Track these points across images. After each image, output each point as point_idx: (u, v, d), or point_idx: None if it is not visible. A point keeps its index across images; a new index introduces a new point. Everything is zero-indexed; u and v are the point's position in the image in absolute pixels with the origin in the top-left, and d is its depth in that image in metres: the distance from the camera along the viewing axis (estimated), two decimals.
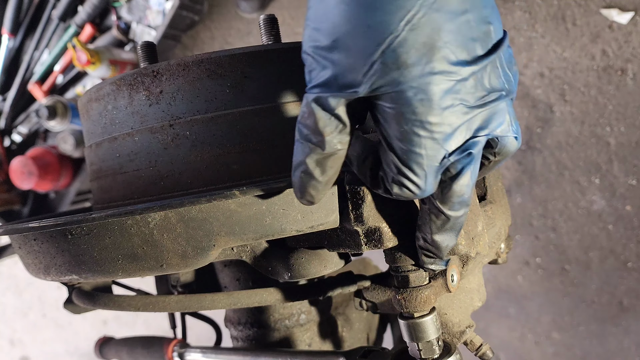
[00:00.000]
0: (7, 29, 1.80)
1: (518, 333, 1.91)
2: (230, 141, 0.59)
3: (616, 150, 1.61)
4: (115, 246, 0.51)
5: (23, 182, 1.74)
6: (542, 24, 1.60)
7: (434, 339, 0.56)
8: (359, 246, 0.54)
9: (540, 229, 1.77)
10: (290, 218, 0.51)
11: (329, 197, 0.52)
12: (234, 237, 0.51)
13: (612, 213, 1.67)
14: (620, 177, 1.63)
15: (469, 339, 0.66)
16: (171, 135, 0.60)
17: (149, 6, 1.70)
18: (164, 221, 0.50)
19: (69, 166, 1.83)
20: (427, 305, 0.56)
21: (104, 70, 1.65)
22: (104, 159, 0.66)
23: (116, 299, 0.68)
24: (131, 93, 0.62)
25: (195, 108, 0.59)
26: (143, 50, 0.68)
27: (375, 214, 0.51)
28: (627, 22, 1.51)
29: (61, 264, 0.55)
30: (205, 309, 0.65)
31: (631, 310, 1.74)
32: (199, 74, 0.59)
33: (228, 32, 1.98)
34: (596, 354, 1.82)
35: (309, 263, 0.59)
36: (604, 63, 1.56)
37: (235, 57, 0.59)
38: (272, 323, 0.77)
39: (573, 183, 1.69)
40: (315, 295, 0.68)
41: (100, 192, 0.69)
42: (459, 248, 0.55)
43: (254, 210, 0.50)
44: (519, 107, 1.68)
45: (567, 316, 1.82)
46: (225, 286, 0.80)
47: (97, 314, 2.64)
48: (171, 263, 0.51)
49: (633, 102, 1.55)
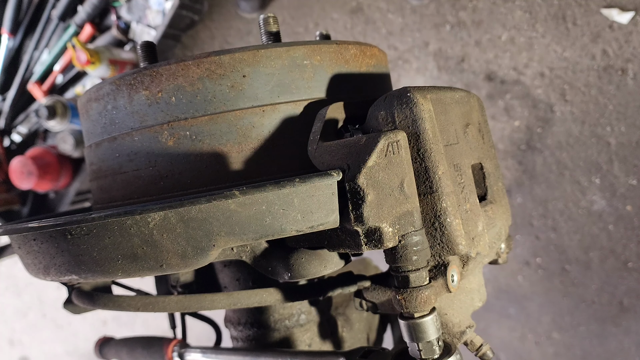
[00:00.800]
0: (6, 29, 1.80)
1: (518, 333, 1.91)
2: (230, 141, 0.59)
3: (616, 150, 1.61)
4: (115, 246, 0.51)
5: (23, 182, 1.74)
6: (543, 23, 1.60)
7: (434, 339, 0.56)
8: (359, 246, 0.54)
9: (540, 229, 1.77)
10: (290, 218, 0.51)
11: (329, 197, 0.52)
12: (234, 237, 0.50)
13: (612, 213, 1.67)
14: (621, 177, 1.63)
15: (469, 339, 0.66)
16: (171, 135, 0.60)
17: (148, 6, 1.70)
18: (164, 221, 0.50)
19: (69, 166, 1.83)
20: (427, 305, 0.55)
21: (104, 70, 1.65)
22: (104, 159, 0.66)
23: (116, 299, 0.68)
24: (131, 93, 0.62)
25: (195, 108, 0.59)
26: (143, 50, 0.68)
27: (375, 214, 0.51)
28: (627, 21, 1.50)
29: (61, 264, 0.55)
30: (205, 309, 0.65)
31: (631, 311, 1.73)
32: (199, 74, 0.59)
33: (228, 32, 1.98)
34: (596, 354, 1.82)
35: (309, 263, 0.59)
36: (604, 63, 1.56)
37: (235, 56, 0.59)
38: (272, 323, 0.77)
39: (573, 183, 1.69)
40: (315, 295, 0.68)
41: (100, 192, 0.69)
42: (459, 248, 0.55)
43: (254, 210, 0.50)
44: (519, 107, 1.68)
45: (567, 316, 1.82)
46: (225, 286, 0.80)
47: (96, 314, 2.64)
48: (171, 263, 0.51)
49: (633, 102, 1.55)
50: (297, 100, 0.61)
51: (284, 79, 0.61)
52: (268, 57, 0.60)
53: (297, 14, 1.87)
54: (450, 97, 0.63)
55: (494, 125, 1.72)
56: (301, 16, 1.87)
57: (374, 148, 0.52)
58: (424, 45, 1.74)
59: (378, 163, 0.52)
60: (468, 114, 0.67)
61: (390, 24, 1.77)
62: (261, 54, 0.60)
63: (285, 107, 0.60)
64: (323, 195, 0.51)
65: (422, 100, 0.56)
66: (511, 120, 1.70)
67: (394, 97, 0.57)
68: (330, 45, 0.64)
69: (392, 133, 0.53)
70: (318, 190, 0.51)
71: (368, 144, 0.52)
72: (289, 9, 1.88)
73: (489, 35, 1.66)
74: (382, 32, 1.78)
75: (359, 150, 0.53)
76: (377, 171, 0.52)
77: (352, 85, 0.66)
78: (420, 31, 1.73)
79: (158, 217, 0.50)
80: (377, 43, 1.79)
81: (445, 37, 1.71)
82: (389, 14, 1.76)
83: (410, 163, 0.55)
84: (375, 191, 0.51)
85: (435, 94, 0.60)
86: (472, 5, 1.66)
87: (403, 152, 0.54)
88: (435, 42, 1.72)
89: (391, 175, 0.53)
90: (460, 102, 0.66)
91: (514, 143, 1.72)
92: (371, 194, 0.51)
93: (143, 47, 0.68)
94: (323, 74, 0.63)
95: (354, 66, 0.66)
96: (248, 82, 0.59)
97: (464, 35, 1.69)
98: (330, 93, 0.63)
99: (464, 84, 1.72)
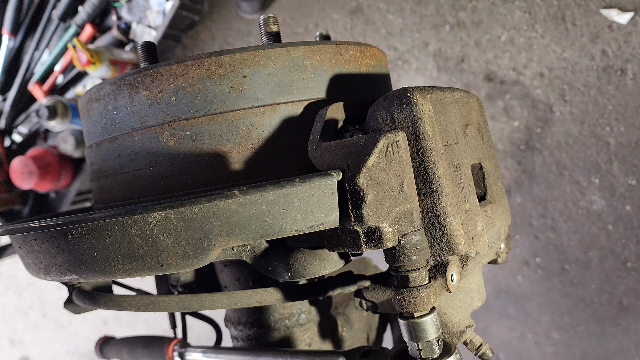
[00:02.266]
0: (7, 29, 1.80)
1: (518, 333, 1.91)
2: (231, 141, 0.59)
3: (616, 150, 1.61)
4: (115, 246, 0.51)
5: (23, 182, 1.74)
6: (542, 24, 1.60)
7: (433, 338, 0.56)
8: (359, 246, 0.54)
9: (540, 228, 1.77)
10: (290, 218, 0.51)
11: (329, 197, 0.52)
12: (234, 237, 0.51)
13: (611, 213, 1.67)
14: (620, 177, 1.63)
15: (469, 339, 0.66)
16: (171, 135, 0.60)
17: (149, 6, 1.70)
18: (164, 221, 0.50)
19: (69, 166, 1.83)
20: (427, 305, 0.56)
21: (104, 71, 1.65)
22: (104, 159, 0.66)
23: (116, 299, 0.68)
24: (131, 93, 0.62)
25: (196, 108, 0.60)
26: (143, 50, 0.68)
27: (375, 213, 0.52)
28: (626, 22, 1.51)
29: (61, 264, 0.55)
30: (205, 309, 0.65)
31: (631, 310, 1.74)
32: (199, 74, 0.59)
33: (228, 32, 1.98)
34: (596, 353, 1.82)
35: (309, 263, 0.59)
36: (603, 63, 1.56)
37: (235, 57, 0.59)
38: (272, 323, 0.77)
39: (573, 183, 1.69)
40: (315, 295, 0.68)
41: (100, 192, 0.69)
42: (458, 248, 0.55)
43: (254, 210, 0.50)
44: (518, 107, 1.68)
45: (567, 316, 1.82)
46: (225, 286, 0.80)
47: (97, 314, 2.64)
48: (171, 263, 0.52)
49: (633, 102, 1.56)
50: (297, 100, 0.61)
51: (284, 79, 0.61)
52: (268, 57, 0.60)
53: (297, 14, 1.87)
54: (449, 98, 0.63)
55: (494, 125, 1.72)
56: (301, 17, 1.87)
57: (374, 148, 0.52)
58: (423, 46, 1.74)
59: (378, 163, 0.52)
60: (467, 114, 0.67)
61: (390, 24, 1.77)
62: (261, 55, 0.60)
63: (285, 107, 0.61)
64: (323, 195, 0.52)
65: (422, 100, 0.56)
66: (510, 120, 1.70)
67: (394, 97, 0.57)
68: (330, 46, 0.64)
69: (391, 133, 0.54)
70: (318, 190, 0.51)
71: (368, 144, 0.53)
72: (289, 9, 1.88)
73: (489, 36, 1.66)
74: (382, 32, 1.78)
75: (359, 151, 0.53)
76: (377, 171, 0.52)
77: (352, 85, 0.66)
78: (419, 32, 1.74)
79: (158, 217, 0.50)
80: (377, 43, 1.79)
81: (444, 37, 1.71)
82: (388, 15, 1.77)
83: (410, 163, 0.55)
84: (375, 191, 0.52)
85: (435, 94, 0.60)
86: (472, 6, 1.67)
87: (403, 152, 0.54)
88: (434, 43, 1.72)
89: (391, 175, 0.53)
90: (460, 102, 0.66)
91: (513, 143, 1.72)
92: (371, 194, 0.51)
93: (143, 47, 0.68)
94: (323, 74, 0.63)
95: (353, 66, 0.67)
96: (248, 82, 0.60)
97: (464, 36, 1.69)
98: (330, 93, 0.64)
99: (463, 84, 1.72)
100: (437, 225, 0.56)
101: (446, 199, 0.56)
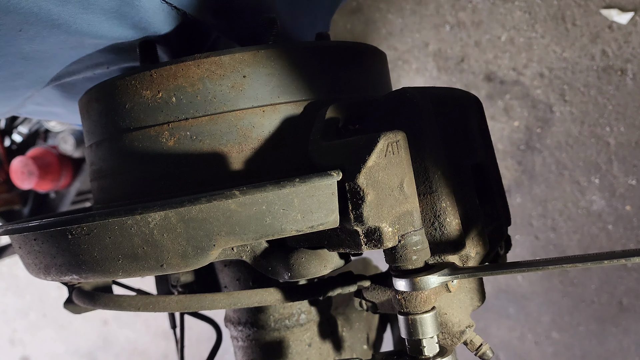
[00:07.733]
0: None
1: (518, 333, 1.91)
2: (231, 141, 0.59)
3: (616, 150, 1.61)
4: (115, 246, 0.51)
5: (23, 182, 1.74)
6: (542, 24, 1.60)
7: (432, 336, 0.56)
8: (359, 246, 0.54)
9: (540, 228, 1.77)
10: (290, 218, 0.51)
11: (329, 197, 0.52)
12: (234, 237, 0.51)
13: (611, 213, 1.67)
14: (620, 177, 1.63)
15: (469, 339, 0.66)
16: (171, 135, 0.60)
17: None
18: (164, 221, 0.50)
19: (69, 166, 1.83)
20: (427, 305, 0.56)
21: None
22: (104, 159, 0.66)
23: (116, 299, 0.68)
24: (131, 93, 0.62)
25: (196, 108, 0.60)
26: (143, 49, 0.68)
27: (375, 213, 0.52)
28: (626, 22, 1.51)
29: (61, 264, 0.55)
30: (205, 309, 0.65)
31: (631, 310, 1.74)
32: (199, 74, 0.59)
33: None
34: (596, 354, 1.82)
35: (309, 263, 0.59)
36: (603, 63, 1.56)
37: (235, 57, 0.59)
38: (272, 323, 0.77)
39: (573, 183, 1.69)
40: (315, 295, 0.68)
41: (100, 192, 0.69)
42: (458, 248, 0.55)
43: (254, 210, 0.50)
44: (518, 107, 1.68)
45: (567, 316, 1.82)
46: (225, 286, 0.80)
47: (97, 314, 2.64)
48: (171, 263, 0.52)
49: (633, 102, 1.56)
50: (297, 100, 0.61)
51: (284, 79, 0.61)
52: (268, 57, 0.60)
53: None
54: (449, 98, 0.63)
55: (493, 125, 1.72)
56: None
57: (374, 148, 0.52)
58: (423, 46, 1.74)
59: (378, 163, 0.52)
60: (467, 114, 0.67)
61: (390, 24, 1.77)
62: (261, 55, 0.60)
63: (285, 107, 0.61)
64: (323, 195, 0.52)
65: (422, 100, 0.56)
66: (510, 120, 1.70)
67: (394, 97, 0.57)
68: (330, 46, 0.64)
69: (391, 133, 0.54)
70: (318, 190, 0.51)
71: (368, 144, 0.53)
72: None
73: (489, 36, 1.66)
74: (382, 32, 1.78)
75: (359, 150, 0.53)
76: (377, 171, 0.52)
77: (352, 85, 0.66)
78: (419, 32, 1.74)
79: (158, 217, 0.50)
80: (377, 43, 1.79)
81: (444, 37, 1.71)
82: (388, 15, 1.77)
83: (409, 163, 0.55)
84: (375, 191, 0.52)
85: (435, 94, 0.60)
86: (472, 6, 1.67)
87: (403, 152, 0.54)
88: (434, 43, 1.73)
89: (391, 175, 0.53)
90: (460, 102, 0.66)
91: (513, 143, 1.72)
92: (371, 194, 0.51)
93: (143, 47, 0.68)
94: (323, 74, 0.63)
95: (353, 66, 0.67)
96: (248, 82, 0.60)
97: (464, 36, 1.69)
98: (330, 93, 0.64)
99: (463, 84, 1.72)
100: (437, 225, 0.56)
101: (446, 199, 0.56)
